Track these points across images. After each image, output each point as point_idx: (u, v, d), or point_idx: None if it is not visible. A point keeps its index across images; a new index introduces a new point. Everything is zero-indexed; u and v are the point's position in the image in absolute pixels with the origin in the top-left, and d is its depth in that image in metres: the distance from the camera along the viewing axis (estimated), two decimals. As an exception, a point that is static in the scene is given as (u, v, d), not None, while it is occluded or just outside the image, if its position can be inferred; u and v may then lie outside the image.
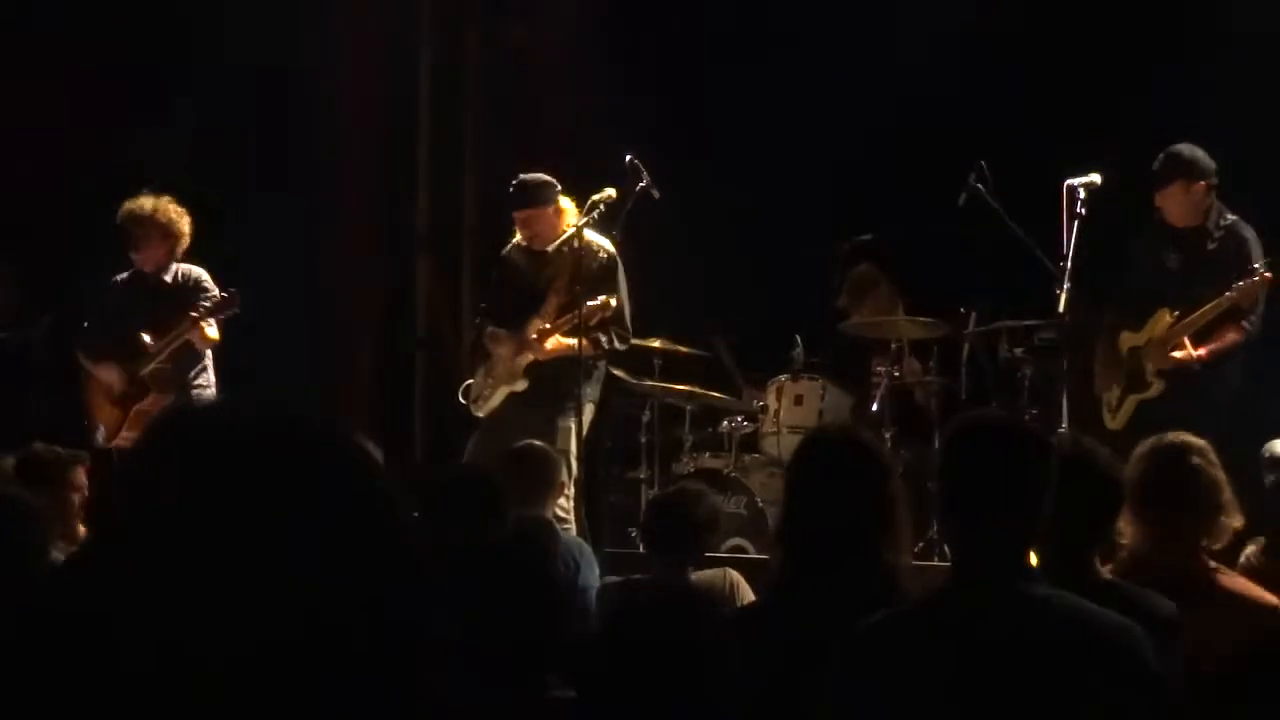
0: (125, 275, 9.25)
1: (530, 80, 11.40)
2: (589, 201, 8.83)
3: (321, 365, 10.12)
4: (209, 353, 9.11)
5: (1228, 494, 4.97)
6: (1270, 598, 4.82)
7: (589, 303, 8.67)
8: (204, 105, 10.67)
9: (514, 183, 9.03)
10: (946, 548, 4.83)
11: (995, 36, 10.22)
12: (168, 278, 9.13)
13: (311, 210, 10.11)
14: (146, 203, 9.04)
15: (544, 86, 11.19)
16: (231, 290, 9.07)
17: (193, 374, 9.04)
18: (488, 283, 9.73)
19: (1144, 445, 5.10)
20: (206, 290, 9.09)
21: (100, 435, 9.00)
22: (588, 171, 9.13)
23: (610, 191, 8.82)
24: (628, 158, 8.95)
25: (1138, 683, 3.58)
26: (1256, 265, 8.21)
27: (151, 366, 8.96)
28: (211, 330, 8.93)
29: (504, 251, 9.36)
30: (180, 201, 9.11)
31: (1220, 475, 5.02)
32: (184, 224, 9.11)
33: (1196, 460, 4.98)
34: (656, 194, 8.93)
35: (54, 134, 10.23)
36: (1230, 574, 4.94)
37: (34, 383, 9.29)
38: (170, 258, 9.10)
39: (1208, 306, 8.29)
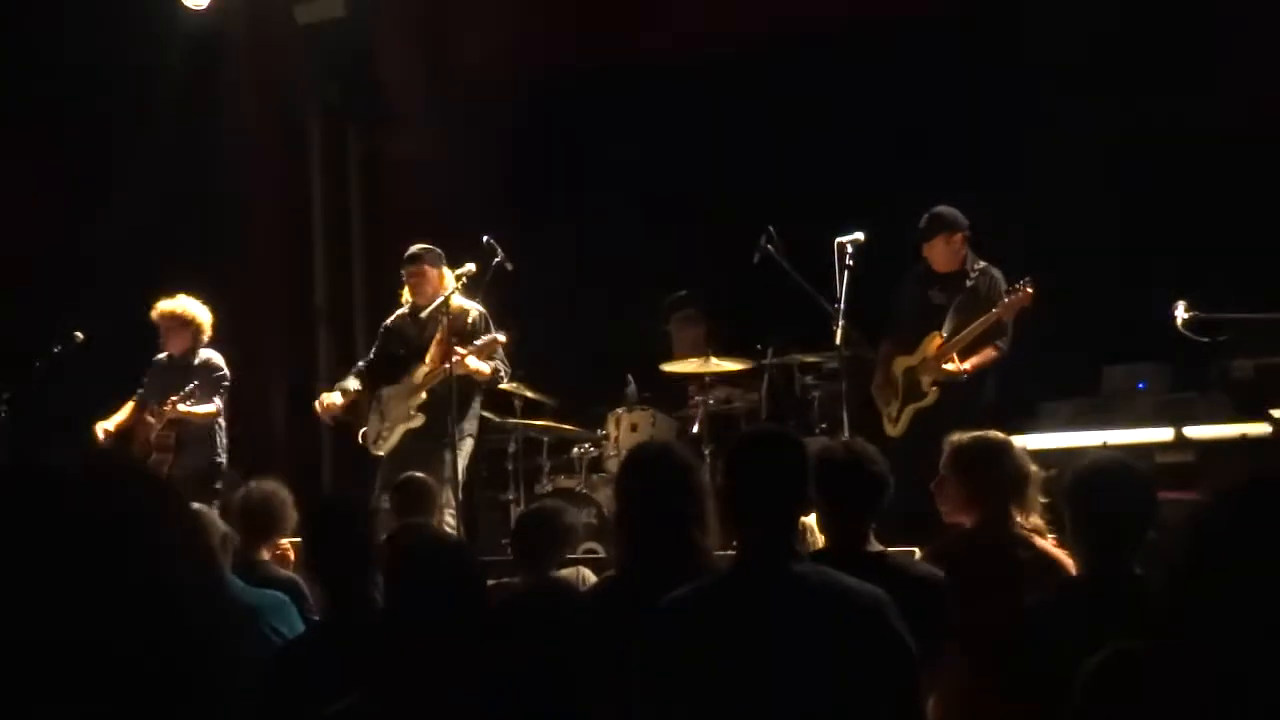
0: (163, 356, 9.74)
1: (401, 182, 11.48)
2: (454, 274, 9.04)
3: (242, 414, 10.10)
4: (219, 424, 9.57)
5: (1033, 474, 5.16)
6: (1062, 554, 4.90)
7: (481, 340, 8.89)
8: (143, 214, 10.83)
9: (411, 249, 9.33)
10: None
11: (777, 126, 10.58)
12: (196, 361, 9.63)
13: (233, 291, 10.09)
14: (175, 304, 9.60)
15: (412, 186, 11.18)
16: None
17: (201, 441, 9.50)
18: (372, 347, 9.71)
19: (964, 444, 5.22)
20: (216, 370, 9.59)
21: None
22: (452, 251, 9.31)
23: (470, 266, 8.99)
24: (485, 238, 9.04)
25: (881, 639, 3.64)
26: (1019, 284, 8.39)
27: (155, 433, 9.44)
28: (206, 406, 9.46)
29: (389, 322, 9.59)
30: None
31: (1025, 461, 5.21)
32: (205, 317, 9.67)
33: (1006, 453, 5.19)
34: (510, 266, 9.05)
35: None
36: (1041, 540, 5.05)
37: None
38: (195, 344, 9.65)
39: (977, 323, 8.51)
